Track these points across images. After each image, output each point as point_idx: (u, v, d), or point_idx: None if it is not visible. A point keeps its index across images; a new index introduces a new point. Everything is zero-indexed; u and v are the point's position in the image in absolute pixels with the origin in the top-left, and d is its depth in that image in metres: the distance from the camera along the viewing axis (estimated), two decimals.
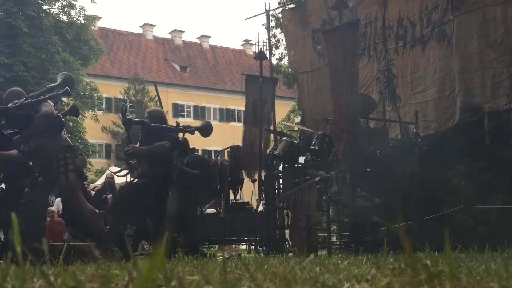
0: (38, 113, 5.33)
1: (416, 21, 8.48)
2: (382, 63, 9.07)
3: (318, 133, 8.12)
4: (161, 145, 6.33)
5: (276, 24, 18.71)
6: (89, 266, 3.13)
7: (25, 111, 5.36)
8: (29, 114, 5.35)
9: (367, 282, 1.56)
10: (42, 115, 5.32)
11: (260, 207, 9.74)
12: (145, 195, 6.23)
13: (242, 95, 10.04)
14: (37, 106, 5.38)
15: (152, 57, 44.68)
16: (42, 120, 5.32)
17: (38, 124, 5.32)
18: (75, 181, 5.41)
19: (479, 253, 3.46)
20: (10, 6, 20.91)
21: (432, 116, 8.08)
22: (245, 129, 9.49)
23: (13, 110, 5.36)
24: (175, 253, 6.84)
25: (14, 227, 1.20)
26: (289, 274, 1.77)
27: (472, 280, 1.55)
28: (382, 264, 2.45)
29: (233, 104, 41.99)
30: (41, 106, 5.38)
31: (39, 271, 1.44)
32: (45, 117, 5.33)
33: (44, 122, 5.34)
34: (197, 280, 1.20)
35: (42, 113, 5.33)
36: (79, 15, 24.02)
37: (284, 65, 20.88)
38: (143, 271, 1.02)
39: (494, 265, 2.26)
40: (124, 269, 1.91)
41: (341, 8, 7.35)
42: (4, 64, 20.35)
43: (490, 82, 7.30)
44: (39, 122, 5.32)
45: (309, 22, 10.56)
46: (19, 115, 5.37)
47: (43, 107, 5.38)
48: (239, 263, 3.37)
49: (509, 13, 7.19)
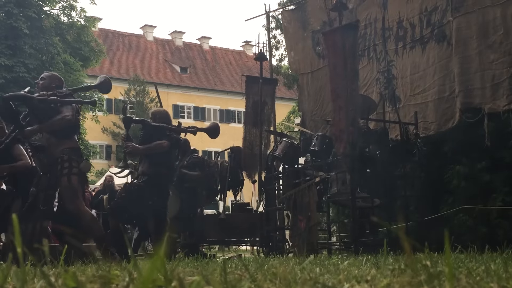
0: (59, 114, 5.28)
1: (416, 22, 8.49)
2: (382, 64, 9.07)
3: (318, 134, 8.13)
4: (159, 144, 6.35)
5: (276, 26, 18.68)
6: (89, 267, 3.13)
7: (47, 105, 5.28)
8: (50, 109, 5.27)
9: (367, 283, 1.56)
10: (62, 120, 5.27)
11: (260, 208, 9.74)
12: (145, 194, 6.24)
13: (242, 96, 10.04)
14: (61, 106, 5.33)
15: (153, 58, 44.72)
16: (60, 123, 5.28)
17: (54, 124, 5.29)
18: (77, 185, 5.39)
19: (478, 254, 3.46)
20: (11, 7, 20.92)
21: (432, 117, 8.09)
22: (245, 130, 9.49)
23: (37, 102, 5.30)
24: (176, 253, 6.85)
25: (15, 228, 1.21)
26: (289, 274, 1.77)
27: (471, 280, 1.55)
28: (382, 265, 2.46)
29: (233, 105, 42.03)
30: (63, 108, 5.32)
31: (40, 272, 1.45)
32: (64, 122, 5.28)
33: (61, 126, 5.30)
34: (198, 280, 1.21)
35: (63, 118, 5.26)
36: (79, 17, 24.03)
37: (284, 66, 20.86)
38: (143, 271, 1.02)
39: (493, 265, 2.26)
40: (125, 269, 1.91)
41: (341, 10, 7.36)
42: (5, 65, 20.35)
43: (490, 83, 7.30)
44: (56, 124, 5.29)
45: (309, 23, 10.57)
46: (41, 108, 5.28)
47: (65, 110, 5.32)
48: (239, 263, 3.37)
49: (509, 14, 7.19)
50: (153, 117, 6.81)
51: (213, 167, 9.04)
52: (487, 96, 7.32)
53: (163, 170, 6.42)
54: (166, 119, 6.75)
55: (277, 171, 8.73)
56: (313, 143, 7.78)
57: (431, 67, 8.20)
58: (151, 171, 6.36)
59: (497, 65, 7.24)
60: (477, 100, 7.45)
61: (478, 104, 7.44)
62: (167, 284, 1.16)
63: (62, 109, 5.32)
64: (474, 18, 7.55)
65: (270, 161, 8.72)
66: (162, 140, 6.40)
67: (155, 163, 6.36)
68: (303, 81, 10.82)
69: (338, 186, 7.06)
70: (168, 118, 6.83)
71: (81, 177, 5.50)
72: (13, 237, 2.70)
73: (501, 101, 7.17)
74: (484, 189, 7.92)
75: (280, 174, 8.67)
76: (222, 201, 9.24)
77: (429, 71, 8.22)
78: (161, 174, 6.40)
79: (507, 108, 7.12)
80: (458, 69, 7.67)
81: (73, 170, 5.31)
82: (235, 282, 1.37)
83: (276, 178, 8.71)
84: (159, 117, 6.73)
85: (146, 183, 6.30)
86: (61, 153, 5.32)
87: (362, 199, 7.19)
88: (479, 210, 7.86)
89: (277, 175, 8.71)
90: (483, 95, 7.37)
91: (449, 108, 7.84)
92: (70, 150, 5.38)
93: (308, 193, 7.07)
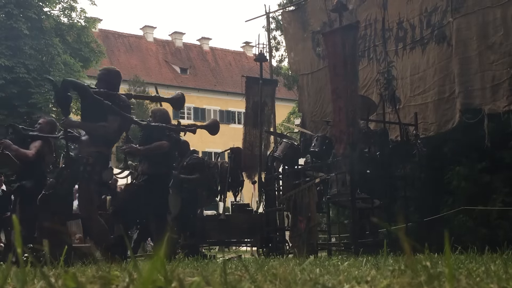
0: (105, 120, 5.19)
1: (416, 23, 8.49)
2: (382, 65, 9.07)
3: (318, 134, 8.12)
4: (159, 144, 6.37)
5: (276, 26, 18.70)
6: (89, 267, 3.13)
7: (99, 106, 5.20)
8: (100, 111, 5.20)
9: (367, 284, 1.56)
10: (103, 128, 5.20)
11: (260, 209, 9.74)
12: (145, 194, 6.24)
13: (242, 97, 10.04)
14: (113, 111, 5.22)
15: (153, 59, 44.71)
16: (100, 131, 5.22)
17: (95, 129, 5.24)
18: (94, 192, 5.24)
19: (478, 255, 3.46)
20: (11, 8, 20.92)
21: (431, 118, 8.09)
22: (245, 131, 9.49)
23: (91, 99, 5.19)
24: (176, 254, 6.85)
25: (15, 228, 1.21)
26: (289, 275, 1.77)
27: (471, 281, 1.55)
28: (382, 266, 2.46)
29: (233, 106, 42.01)
30: (111, 116, 5.22)
31: (40, 272, 1.45)
32: (103, 131, 5.21)
33: (99, 134, 5.23)
34: (198, 281, 1.20)
35: (104, 127, 5.20)
36: (79, 17, 24.03)
37: (284, 67, 20.87)
38: (143, 272, 1.02)
39: (493, 266, 2.26)
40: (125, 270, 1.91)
41: (341, 10, 7.36)
42: (5, 66, 20.34)
43: (490, 84, 7.30)
44: (96, 130, 5.23)
45: (309, 24, 10.57)
46: (95, 101, 5.19)
47: (111, 119, 5.21)
48: (239, 264, 3.37)
49: (509, 15, 7.20)
50: (153, 115, 6.82)
51: (213, 168, 9.04)
52: (487, 97, 7.33)
53: (163, 170, 6.44)
54: (166, 118, 6.77)
55: (277, 172, 8.73)
56: (313, 144, 7.78)
57: (431, 68, 8.20)
58: (151, 171, 6.37)
59: (497, 66, 7.25)
60: (477, 101, 7.46)
61: (478, 105, 7.44)
62: (167, 284, 1.16)
63: (109, 117, 5.23)
64: (474, 19, 7.55)
65: (270, 162, 8.72)
66: (162, 140, 6.41)
67: (154, 163, 6.37)
68: (303, 82, 10.82)
69: (338, 187, 7.06)
70: (168, 117, 6.85)
71: (101, 185, 5.38)
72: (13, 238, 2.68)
73: (501, 102, 7.17)
74: (484, 190, 7.93)
75: (280, 175, 8.67)
76: (222, 202, 9.24)
77: (429, 72, 8.23)
78: (161, 173, 6.41)
79: (507, 109, 7.12)
80: (458, 70, 7.68)
81: (94, 176, 5.20)
82: (235, 283, 1.37)
83: (276, 179, 8.71)
84: (159, 115, 6.75)
85: (146, 183, 6.31)
86: (88, 154, 5.21)
87: (362, 200, 7.19)
88: (479, 211, 7.86)
89: (277, 176, 8.71)
90: (483, 96, 7.37)
91: (449, 109, 7.85)
92: (98, 154, 5.26)
93: (308, 194, 7.07)
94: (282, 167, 8.59)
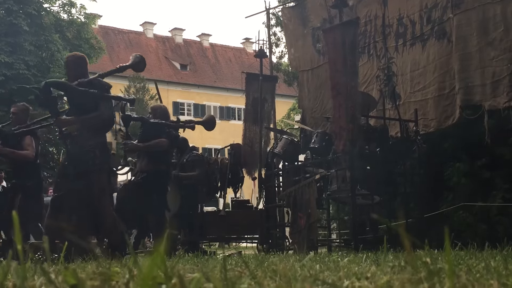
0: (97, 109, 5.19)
1: (416, 19, 8.48)
2: (382, 61, 9.06)
3: (318, 131, 8.12)
4: (159, 142, 6.37)
5: (276, 23, 18.68)
6: (89, 264, 3.13)
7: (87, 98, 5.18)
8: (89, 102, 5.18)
9: (367, 280, 1.56)
10: (98, 117, 5.21)
11: (260, 205, 9.74)
12: (144, 191, 6.25)
13: (242, 93, 10.04)
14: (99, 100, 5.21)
15: (153, 55, 44.66)
16: (96, 121, 5.22)
17: (90, 121, 5.22)
18: (106, 182, 5.28)
19: (478, 251, 3.47)
20: (11, 4, 20.89)
21: (432, 114, 8.08)
22: (245, 127, 9.48)
23: (77, 93, 5.17)
24: (176, 250, 6.86)
25: (15, 225, 1.21)
26: (289, 271, 1.78)
27: (471, 277, 1.55)
28: (382, 262, 2.46)
29: (233, 102, 42.00)
30: (102, 104, 5.23)
31: (40, 269, 1.45)
32: (100, 120, 5.22)
33: (96, 124, 5.23)
34: (198, 277, 1.21)
35: (99, 116, 5.21)
36: (79, 14, 24.02)
37: (284, 63, 20.85)
38: (143, 268, 1.02)
39: (493, 262, 2.26)
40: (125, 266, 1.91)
41: (341, 7, 7.34)
42: (5, 62, 20.33)
43: (490, 80, 7.29)
44: (92, 120, 5.22)
45: (309, 20, 10.56)
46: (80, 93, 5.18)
47: (103, 106, 5.23)
48: (239, 260, 3.37)
49: (509, 11, 7.18)
50: (153, 112, 6.83)
51: (213, 164, 9.04)
52: (487, 93, 7.32)
53: (162, 167, 6.44)
54: (166, 115, 6.78)
55: (277, 168, 8.73)
56: (313, 140, 7.78)
57: (431, 64, 8.19)
58: (150, 167, 6.38)
59: (497, 62, 7.24)
60: (477, 97, 7.45)
61: (478, 101, 7.43)
62: (167, 281, 1.16)
63: (101, 106, 5.24)
64: (475, 15, 7.54)
65: (270, 158, 8.72)
66: (161, 137, 6.42)
67: (154, 160, 6.38)
68: (303, 78, 10.81)
69: (338, 183, 7.06)
70: (167, 114, 6.86)
71: (110, 174, 5.41)
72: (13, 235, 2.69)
73: (501, 98, 7.16)
74: (484, 186, 7.93)
75: (280, 171, 8.67)
76: (222, 198, 9.24)
77: (429, 68, 8.22)
78: (160, 170, 6.42)
79: (507, 105, 7.11)
80: (458, 66, 7.67)
81: (104, 166, 5.25)
82: (235, 279, 1.37)
83: (276, 175, 8.72)
84: (159, 112, 6.76)
85: (145, 180, 6.32)
86: (92, 147, 5.21)
87: (362, 196, 7.19)
88: (479, 207, 7.86)
89: (277, 172, 8.72)
90: (483, 92, 7.36)
91: (449, 105, 7.84)
92: (102, 145, 5.31)
93: (308, 190, 7.07)
94: (282, 163, 8.60)
